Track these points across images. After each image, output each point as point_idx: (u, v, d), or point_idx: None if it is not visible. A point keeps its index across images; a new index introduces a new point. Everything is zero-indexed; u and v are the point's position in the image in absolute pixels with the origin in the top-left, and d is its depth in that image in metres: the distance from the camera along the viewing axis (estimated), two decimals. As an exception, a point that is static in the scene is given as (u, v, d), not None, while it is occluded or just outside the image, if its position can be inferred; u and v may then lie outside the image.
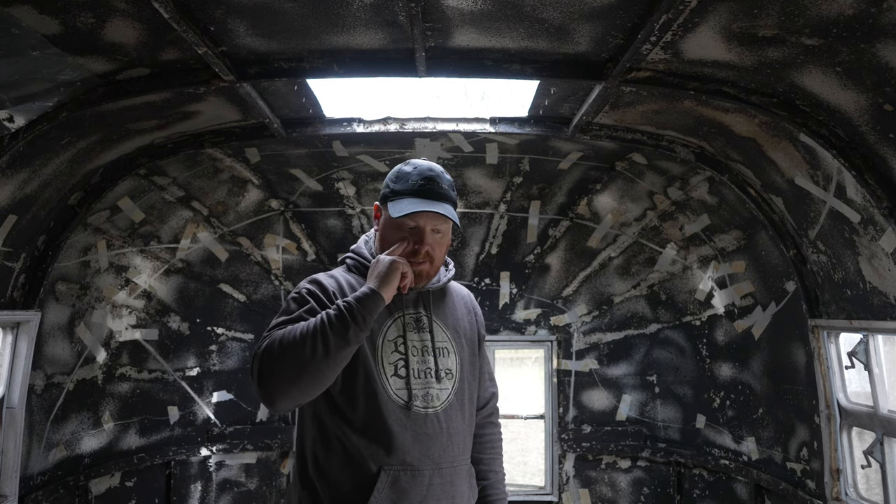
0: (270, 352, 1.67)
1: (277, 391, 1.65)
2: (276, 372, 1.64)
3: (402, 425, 1.83)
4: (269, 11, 2.55)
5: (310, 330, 1.68)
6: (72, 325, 4.41)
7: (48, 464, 4.17)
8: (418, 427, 1.85)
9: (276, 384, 1.64)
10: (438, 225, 1.93)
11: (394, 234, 1.92)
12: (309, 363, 1.64)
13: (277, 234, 5.23)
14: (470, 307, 2.22)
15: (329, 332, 1.67)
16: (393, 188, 1.94)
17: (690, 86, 3.03)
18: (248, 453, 5.24)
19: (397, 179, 1.95)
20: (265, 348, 1.69)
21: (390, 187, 1.95)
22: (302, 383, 1.65)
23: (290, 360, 1.64)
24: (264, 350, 1.68)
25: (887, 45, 2.30)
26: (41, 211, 3.68)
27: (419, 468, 1.83)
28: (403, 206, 1.87)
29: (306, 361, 1.64)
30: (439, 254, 1.98)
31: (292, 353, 1.64)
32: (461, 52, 2.96)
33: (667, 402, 5.21)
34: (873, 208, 2.95)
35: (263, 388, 1.65)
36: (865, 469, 3.60)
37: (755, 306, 4.51)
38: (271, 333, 1.74)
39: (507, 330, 5.43)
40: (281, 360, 1.64)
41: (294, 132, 4.01)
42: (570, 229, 5.21)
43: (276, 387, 1.64)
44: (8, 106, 2.88)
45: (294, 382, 1.64)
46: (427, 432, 1.86)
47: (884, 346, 3.60)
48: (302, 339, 1.66)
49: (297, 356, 1.64)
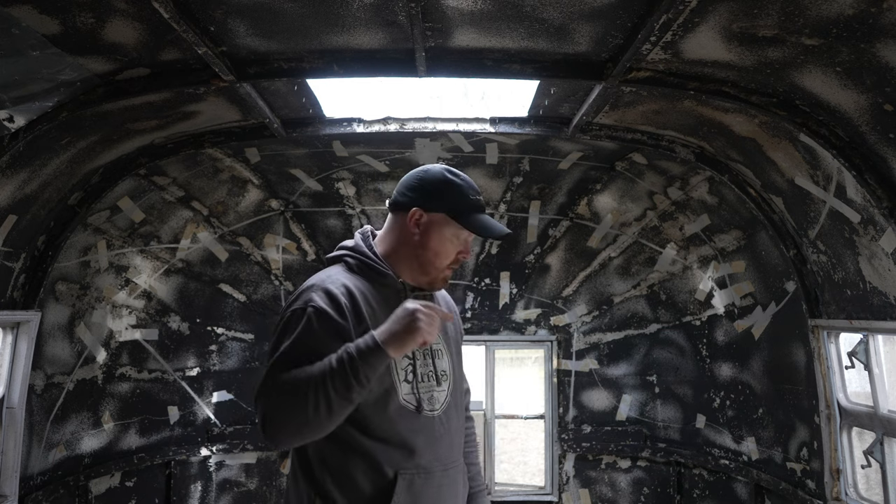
0: (273, 401, 1.65)
1: (281, 440, 1.67)
2: (280, 422, 1.63)
3: (415, 429, 1.85)
4: (269, 11, 2.55)
5: (311, 385, 1.63)
6: (72, 325, 4.41)
7: (48, 464, 4.17)
8: (428, 430, 1.87)
9: (280, 433, 1.65)
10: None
11: (444, 244, 1.92)
12: (311, 419, 1.63)
13: (277, 234, 5.23)
14: (451, 308, 2.26)
15: (332, 393, 1.63)
16: (459, 202, 1.91)
17: (690, 86, 3.03)
18: (248, 453, 5.24)
19: (458, 194, 1.92)
20: (267, 395, 1.66)
21: (456, 200, 1.91)
22: (305, 434, 1.67)
23: (292, 414, 1.63)
24: (266, 397, 1.66)
25: (887, 45, 2.30)
26: (41, 211, 3.68)
27: (431, 470, 1.85)
28: (485, 224, 1.92)
29: (308, 418, 1.63)
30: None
31: (294, 407, 1.62)
32: (461, 52, 2.96)
33: (667, 402, 5.21)
34: (873, 208, 2.95)
35: (267, 433, 1.65)
36: (865, 469, 3.60)
37: (755, 306, 4.51)
38: (274, 376, 1.67)
39: (507, 330, 5.42)
40: (283, 412, 1.63)
41: (294, 132, 4.01)
42: (570, 229, 5.21)
43: (280, 436, 1.66)
44: (8, 106, 2.88)
45: (297, 433, 1.66)
46: (435, 435, 1.89)
47: (884, 346, 3.60)
48: (304, 396, 1.62)
49: (300, 411, 1.62)
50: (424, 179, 1.94)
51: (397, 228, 1.96)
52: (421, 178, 1.95)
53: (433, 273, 1.96)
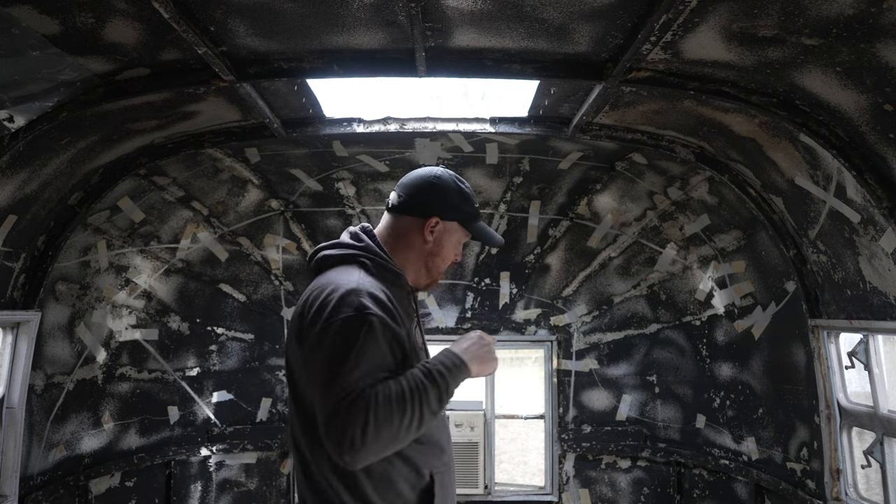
0: (364, 418, 1.53)
1: (367, 457, 1.57)
2: (373, 439, 1.54)
3: (440, 428, 1.91)
4: (269, 11, 2.55)
5: (408, 401, 1.60)
6: (72, 325, 4.41)
7: (48, 464, 4.17)
8: (443, 427, 1.95)
9: (369, 451, 1.55)
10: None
11: (450, 250, 2.00)
12: (402, 436, 1.61)
13: (277, 234, 5.23)
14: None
15: (425, 409, 1.63)
16: (470, 211, 2.01)
17: (690, 86, 3.03)
18: (248, 453, 5.24)
19: (469, 203, 2.01)
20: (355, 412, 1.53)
21: (468, 210, 2.00)
22: (389, 450, 1.62)
23: (387, 431, 1.56)
24: (354, 414, 1.53)
25: (887, 45, 2.30)
26: (41, 211, 3.68)
27: (450, 465, 1.92)
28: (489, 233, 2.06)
29: (401, 435, 1.60)
30: None
31: (390, 424, 1.57)
32: (461, 52, 2.96)
33: (667, 402, 5.21)
34: (873, 208, 2.95)
35: (352, 449, 1.53)
36: (865, 469, 3.60)
37: (755, 306, 4.51)
38: (357, 392, 1.55)
39: (507, 330, 5.42)
40: (378, 429, 1.54)
41: (294, 132, 4.01)
42: (570, 229, 5.21)
43: (368, 454, 1.56)
44: (8, 106, 2.88)
45: (384, 450, 1.60)
46: (447, 430, 1.97)
47: (884, 346, 3.60)
48: (402, 412, 1.58)
49: (395, 428, 1.58)
50: (441, 188, 1.95)
51: (407, 232, 1.94)
52: (436, 186, 1.95)
53: (435, 276, 2.02)
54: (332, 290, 1.70)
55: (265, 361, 5.34)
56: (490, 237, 2.05)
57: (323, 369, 1.61)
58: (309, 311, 1.70)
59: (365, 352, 1.61)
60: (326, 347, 1.62)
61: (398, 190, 1.99)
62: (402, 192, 1.97)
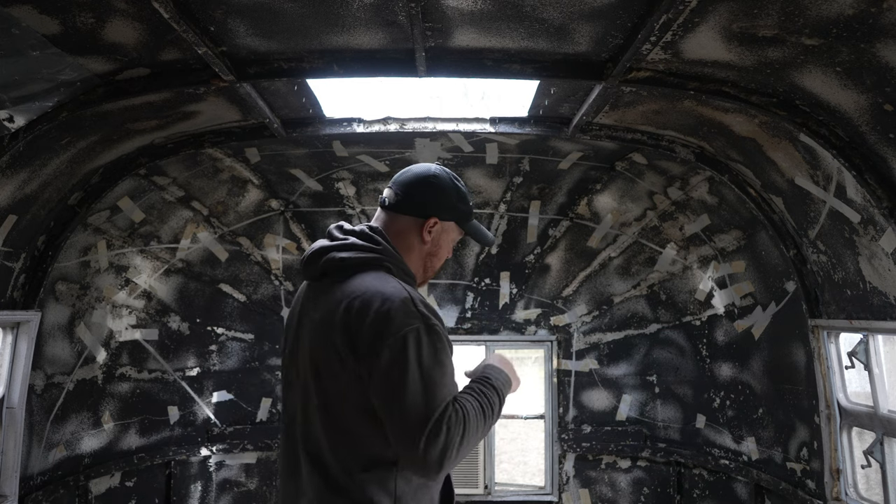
0: (462, 443, 1.60)
1: (450, 467, 1.62)
2: (461, 456, 1.64)
3: None
4: (269, 11, 2.55)
5: (487, 418, 1.73)
6: (72, 325, 4.41)
7: (48, 464, 4.17)
8: None
9: (455, 463, 1.62)
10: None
11: (445, 249, 2.00)
12: (475, 445, 1.71)
13: (277, 234, 5.23)
14: None
15: (490, 427, 1.76)
16: (466, 210, 2.00)
17: (690, 86, 3.03)
18: (248, 453, 5.24)
19: (465, 202, 1.99)
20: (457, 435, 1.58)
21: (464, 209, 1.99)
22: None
23: (472, 445, 1.67)
24: (455, 437, 1.58)
25: (887, 45, 2.30)
26: (41, 211, 3.68)
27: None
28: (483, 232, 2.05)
29: (473, 447, 1.70)
30: None
31: (475, 440, 1.68)
32: (461, 52, 2.96)
33: (667, 402, 5.21)
34: (873, 208, 2.95)
35: (444, 462, 1.57)
36: (865, 469, 3.60)
37: (755, 306, 4.51)
38: (458, 409, 1.62)
39: (507, 330, 5.42)
40: (468, 446, 1.65)
41: (294, 132, 4.01)
42: (570, 229, 5.21)
43: (452, 465, 1.62)
44: (8, 106, 2.88)
45: (461, 460, 1.67)
46: None
47: (884, 346, 3.60)
48: (483, 427, 1.71)
49: (476, 441, 1.69)
50: (439, 187, 1.91)
51: (405, 232, 1.89)
52: (434, 186, 1.90)
53: (430, 275, 2.01)
54: (386, 300, 1.65)
55: (265, 361, 5.34)
56: (484, 236, 2.06)
57: (406, 383, 1.58)
58: (363, 320, 1.63)
59: (443, 362, 1.64)
60: (403, 361, 1.59)
61: (394, 188, 1.92)
62: (399, 190, 1.91)
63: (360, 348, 1.63)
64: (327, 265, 1.80)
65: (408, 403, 1.57)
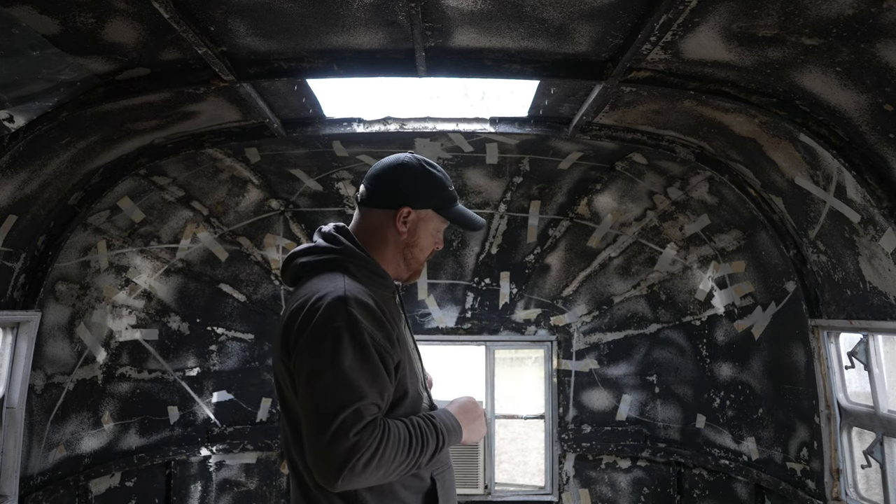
0: (369, 462, 1.52)
1: (353, 485, 1.56)
2: (364, 478, 1.54)
3: None
4: (269, 11, 2.55)
5: (408, 453, 1.62)
6: (72, 325, 4.41)
7: (48, 464, 4.17)
8: None
9: (359, 482, 1.55)
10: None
11: (428, 239, 1.89)
12: (388, 476, 1.61)
13: (277, 234, 5.23)
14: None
15: (419, 462, 1.66)
16: (444, 196, 1.88)
17: (690, 86, 3.03)
18: (248, 453, 5.24)
19: (442, 187, 1.88)
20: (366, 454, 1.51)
21: (440, 194, 1.87)
22: (370, 483, 1.60)
23: (380, 473, 1.57)
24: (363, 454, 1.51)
25: (887, 45, 2.30)
26: (41, 211, 3.68)
27: (449, 464, 1.90)
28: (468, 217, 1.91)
29: (389, 475, 1.60)
30: None
31: (385, 468, 1.57)
32: (461, 51, 2.96)
33: (667, 402, 5.21)
34: (873, 208, 2.95)
35: (344, 482, 1.51)
36: (865, 469, 3.60)
37: (755, 306, 4.51)
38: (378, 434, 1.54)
39: (507, 330, 5.43)
40: (374, 471, 1.54)
41: (294, 132, 4.01)
42: (570, 229, 5.21)
43: (357, 484, 1.55)
44: (8, 106, 2.88)
45: (368, 482, 1.59)
46: None
47: (884, 346, 3.60)
48: (400, 460, 1.60)
49: (388, 472, 1.59)
50: (408, 175, 1.84)
51: (379, 226, 1.84)
52: (403, 174, 1.84)
53: (415, 267, 1.91)
54: (318, 300, 1.62)
55: (265, 361, 5.34)
56: (469, 221, 1.90)
57: (314, 386, 1.55)
58: (294, 322, 1.63)
59: (361, 366, 1.56)
60: (316, 362, 1.56)
61: (365, 182, 1.87)
62: (369, 183, 1.86)
63: (290, 349, 1.64)
64: (293, 270, 1.83)
65: (316, 404, 1.53)
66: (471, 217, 1.92)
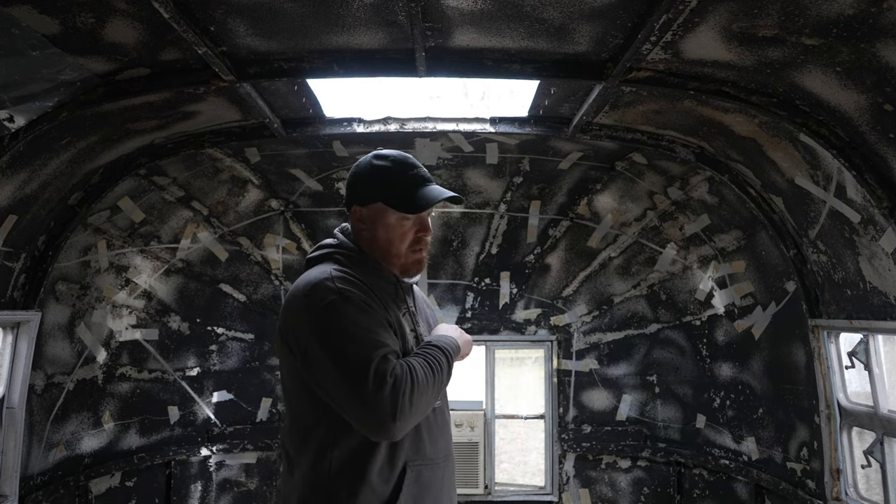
0: (412, 393, 1.63)
1: (407, 428, 1.66)
2: (415, 411, 1.65)
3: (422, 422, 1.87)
4: (269, 11, 2.55)
5: (434, 375, 1.74)
6: (72, 325, 4.41)
7: (48, 464, 4.17)
8: (431, 421, 1.91)
9: (410, 422, 1.66)
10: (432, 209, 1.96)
11: (395, 231, 1.88)
12: (431, 402, 1.74)
13: (277, 234, 5.23)
14: (427, 302, 2.29)
15: (444, 382, 1.80)
16: (391, 187, 1.86)
17: (690, 86, 3.03)
18: (248, 453, 5.24)
19: (386, 178, 1.87)
20: (407, 387, 1.61)
21: (386, 186, 1.86)
22: (421, 418, 1.73)
23: (423, 402, 1.69)
24: (405, 389, 1.61)
25: (887, 45, 2.30)
26: (41, 211, 3.68)
27: (436, 461, 1.88)
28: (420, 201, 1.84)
29: (431, 401, 1.74)
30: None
31: (426, 396, 1.70)
32: (461, 51, 2.96)
33: (667, 402, 5.21)
34: (873, 208, 2.95)
35: (402, 422, 1.61)
36: (865, 469, 3.60)
37: (755, 306, 4.51)
38: (406, 368, 1.65)
39: (507, 330, 5.42)
40: (419, 401, 1.66)
41: (294, 132, 4.01)
42: (570, 229, 5.21)
43: (409, 425, 1.66)
44: (8, 106, 2.88)
45: (419, 417, 1.70)
46: (437, 425, 1.93)
47: (884, 346, 3.60)
48: (432, 384, 1.73)
49: (429, 400, 1.72)
50: (354, 174, 1.94)
51: (354, 227, 1.95)
52: (352, 174, 1.94)
53: (398, 261, 1.92)
54: (306, 284, 1.76)
55: (265, 361, 5.35)
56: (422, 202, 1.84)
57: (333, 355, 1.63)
58: (290, 308, 1.77)
59: (364, 322, 1.68)
60: (325, 336, 1.66)
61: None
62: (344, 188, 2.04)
63: (284, 333, 1.78)
64: (304, 267, 1.98)
65: (342, 369, 1.62)
66: (424, 197, 1.85)
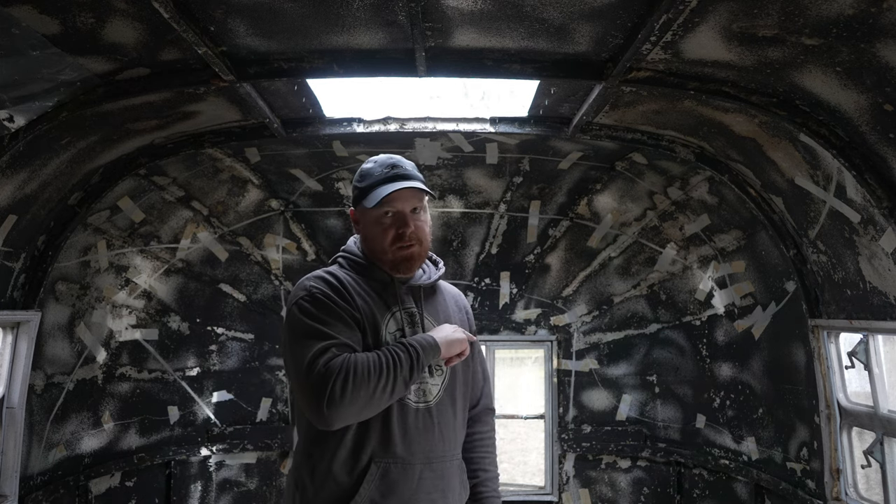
0: (345, 382, 1.71)
1: (341, 417, 1.73)
2: (347, 401, 1.71)
3: (396, 419, 1.88)
4: (269, 11, 2.55)
5: (383, 369, 1.77)
6: (72, 325, 4.41)
7: (48, 464, 4.17)
8: (410, 421, 1.89)
9: (343, 412, 1.72)
10: (414, 203, 1.99)
11: (376, 228, 1.98)
12: (378, 399, 1.77)
13: (277, 234, 5.23)
14: (461, 306, 2.26)
15: (399, 377, 1.80)
16: (361, 187, 2.02)
17: (690, 86, 3.03)
18: (248, 453, 5.24)
19: (362, 178, 2.03)
20: (340, 376, 1.71)
21: (358, 187, 2.03)
22: (363, 413, 1.78)
23: (361, 394, 1.73)
24: (338, 377, 1.71)
25: (887, 45, 2.30)
26: (41, 211, 3.68)
27: (410, 462, 1.87)
28: (377, 194, 1.95)
29: (376, 398, 1.76)
30: (424, 233, 2.02)
31: (365, 389, 1.73)
32: (461, 51, 2.96)
33: (667, 402, 5.21)
34: (873, 208, 2.95)
35: (330, 410, 1.70)
36: (865, 469, 3.60)
37: (755, 306, 4.51)
38: (347, 360, 1.74)
39: (507, 330, 5.43)
40: (354, 392, 1.72)
41: (294, 132, 4.01)
42: (570, 229, 5.21)
43: (342, 414, 1.73)
44: (8, 106, 2.88)
45: (358, 413, 1.77)
46: (419, 426, 1.91)
47: (884, 346, 3.60)
48: (377, 378, 1.76)
49: (369, 392, 1.74)
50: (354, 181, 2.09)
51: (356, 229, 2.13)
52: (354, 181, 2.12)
53: (386, 257, 1.99)
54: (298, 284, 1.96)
55: (265, 361, 5.34)
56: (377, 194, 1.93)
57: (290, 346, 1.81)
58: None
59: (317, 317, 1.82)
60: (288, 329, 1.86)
61: None
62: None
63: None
64: None
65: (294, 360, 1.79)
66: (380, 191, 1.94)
